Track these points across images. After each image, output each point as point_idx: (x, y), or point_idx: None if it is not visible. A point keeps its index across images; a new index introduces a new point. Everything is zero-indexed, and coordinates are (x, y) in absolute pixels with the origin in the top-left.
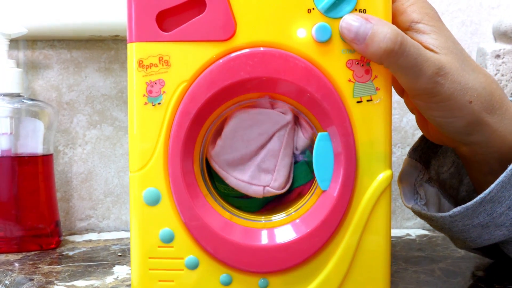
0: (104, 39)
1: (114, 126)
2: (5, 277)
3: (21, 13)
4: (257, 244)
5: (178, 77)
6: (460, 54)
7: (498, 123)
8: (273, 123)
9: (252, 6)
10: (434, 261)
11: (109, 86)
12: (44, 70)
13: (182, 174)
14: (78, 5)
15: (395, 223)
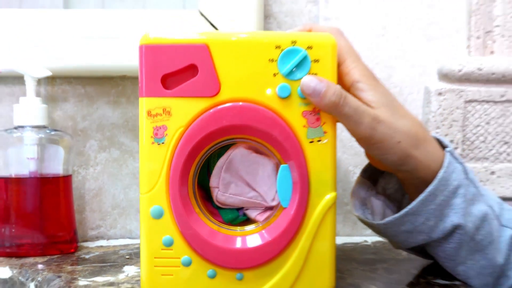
0: (113, 77)
1: (120, 150)
2: (37, 275)
3: (44, 57)
4: (233, 247)
5: (177, 124)
6: (391, 105)
7: (422, 155)
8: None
9: (232, 72)
10: (380, 262)
11: (116, 116)
12: (62, 103)
13: (180, 196)
14: (92, 50)
15: (356, 231)
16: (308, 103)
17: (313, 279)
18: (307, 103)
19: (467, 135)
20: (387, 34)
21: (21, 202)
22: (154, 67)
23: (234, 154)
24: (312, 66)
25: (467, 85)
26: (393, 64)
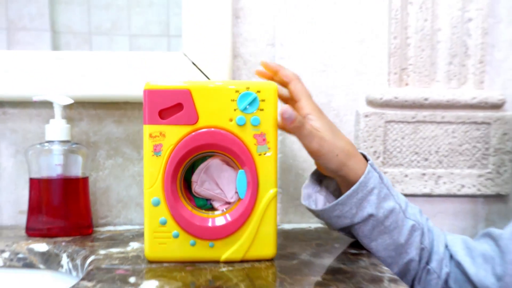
0: (118, 103)
1: (123, 158)
2: (67, 248)
3: (66, 88)
4: (207, 225)
5: (169, 142)
6: (332, 130)
7: (352, 165)
8: (233, 170)
9: (206, 108)
10: (315, 240)
11: (120, 132)
12: (78, 122)
13: (171, 191)
14: (102, 83)
15: (303, 220)
16: (257, 129)
17: (261, 247)
18: (257, 129)
19: (387, 147)
20: (327, 70)
21: (51, 197)
22: (153, 105)
23: (212, 162)
24: (260, 104)
25: (387, 109)
26: (332, 93)
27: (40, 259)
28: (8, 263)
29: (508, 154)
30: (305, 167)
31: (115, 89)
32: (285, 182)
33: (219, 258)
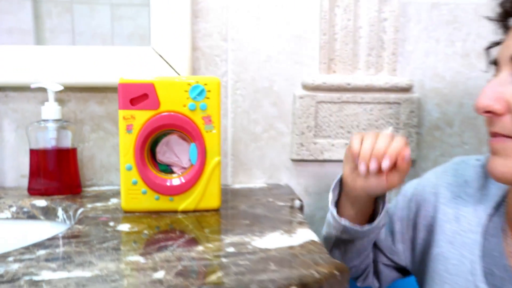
0: (99, 87)
1: (105, 132)
2: (62, 203)
3: (57, 76)
4: (167, 184)
5: (138, 123)
6: None
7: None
8: (187, 143)
9: (166, 96)
10: (255, 195)
11: (102, 111)
12: (67, 103)
13: (140, 159)
14: (86, 72)
15: (250, 180)
16: (204, 113)
17: (208, 201)
18: (204, 112)
19: (318, 123)
20: (270, 60)
21: (47, 164)
22: (125, 94)
23: (171, 137)
24: (207, 94)
25: (318, 92)
26: (274, 79)
27: (41, 212)
28: (15, 215)
29: (414, 127)
30: (252, 138)
31: (97, 77)
32: (236, 151)
33: (177, 208)
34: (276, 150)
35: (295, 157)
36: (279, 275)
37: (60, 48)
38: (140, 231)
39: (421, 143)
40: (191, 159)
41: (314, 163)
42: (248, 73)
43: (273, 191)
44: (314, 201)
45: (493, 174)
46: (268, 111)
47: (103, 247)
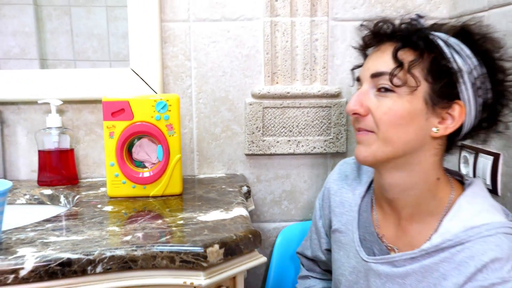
0: (90, 100)
1: (96, 135)
2: (63, 192)
3: (56, 94)
4: (140, 176)
5: (118, 131)
6: None
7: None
8: (155, 145)
9: (138, 110)
10: (213, 183)
11: (93, 118)
12: (66, 113)
13: (120, 157)
14: (79, 90)
15: (213, 171)
16: (168, 122)
17: (172, 188)
18: (167, 122)
19: (265, 124)
20: (225, 75)
21: (51, 161)
22: (107, 109)
23: (143, 140)
24: (169, 107)
25: (264, 100)
26: (229, 90)
27: (47, 199)
28: (28, 201)
29: (344, 126)
30: (213, 137)
31: (89, 93)
32: (200, 148)
33: (148, 194)
34: (233, 147)
35: (247, 152)
36: (208, 237)
37: (59, 71)
38: (120, 211)
39: (350, 139)
40: (158, 157)
41: (263, 157)
42: (208, 86)
43: (229, 180)
44: (264, 187)
45: (358, 159)
46: (225, 116)
47: (92, 221)
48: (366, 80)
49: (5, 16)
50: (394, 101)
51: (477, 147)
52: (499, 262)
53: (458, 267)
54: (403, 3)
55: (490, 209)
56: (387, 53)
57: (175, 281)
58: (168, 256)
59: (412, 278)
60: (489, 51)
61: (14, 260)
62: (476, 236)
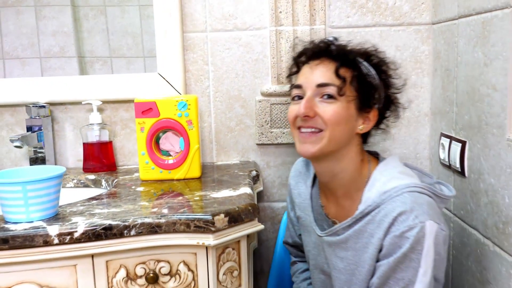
0: (126, 100)
1: (130, 130)
2: (104, 176)
3: (97, 95)
4: (166, 163)
5: (148, 125)
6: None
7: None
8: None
9: (164, 108)
10: (228, 169)
11: (127, 116)
12: (105, 111)
13: (150, 148)
14: (116, 91)
15: (229, 159)
16: (188, 118)
17: (192, 172)
18: (187, 118)
19: (272, 118)
20: (238, 76)
21: (94, 151)
22: (138, 108)
23: (168, 134)
24: (188, 106)
25: (271, 97)
26: (242, 89)
27: (91, 182)
28: (76, 185)
29: None
30: (228, 130)
31: (124, 94)
32: (218, 139)
33: (173, 178)
34: (245, 137)
35: (258, 142)
36: (216, 209)
37: (99, 76)
38: (149, 191)
39: None
40: (180, 147)
41: (272, 146)
42: (223, 86)
43: (242, 166)
44: (273, 172)
45: (305, 154)
46: (238, 111)
47: (127, 198)
48: (310, 89)
49: (45, 17)
50: (338, 106)
51: (450, 135)
52: (405, 214)
53: (379, 225)
54: (391, 11)
55: (398, 175)
56: (329, 68)
57: (191, 242)
58: (185, 222)
59: (351, 241)
60: (385, 72)
61: (70, 226)
62: (388, 198)
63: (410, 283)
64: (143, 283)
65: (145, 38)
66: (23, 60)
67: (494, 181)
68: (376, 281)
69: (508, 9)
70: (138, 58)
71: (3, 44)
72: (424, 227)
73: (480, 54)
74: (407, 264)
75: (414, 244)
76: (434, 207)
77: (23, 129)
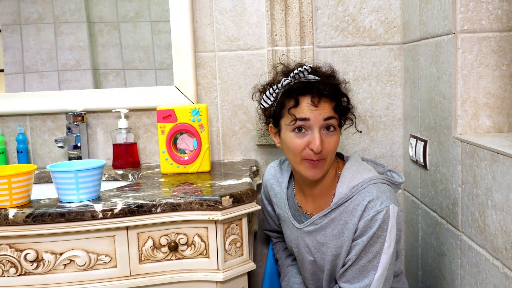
0: (148, 108)
1: (151, 133)
2: (131, 171)
3: (124, 104)
4: (183, 159)
5: (167, 129)
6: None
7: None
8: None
9: (181, 115)
10: (233, 166)
11: (149, 121)
12: (130, 118)
13: (169, 147)
14: (140, 101)
15: (234, 157)
16: (200, 122)
17: (204, 167)
18: (200, 123)
19: None
20: (241, 89)
21: (121, 151)
22: (160, 115)
23: (184, 135)
24: (200, 113)
25: None
26: (244, 99)
27: (120, 177)
28: (107, 179)
29: None
30: (233, 133)
31: (146, 103)
32: (224, 140)
33: (188, 171)
34: (247, 139)
35: (258, 143)
36: (223, 192)
37: (127, 89)
38: (169, 181)
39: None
40: (194, 146)
41: (269, 146)
42: (229, 96)
43: (244, 163)
44: None
45: (314, 177)
46: (242, 117)
47: (152, 186)
48: (318, 123)
49: (63, 33)
50: (336, 136)
51: (416, 136)
52: (373, 202)
53: (352, 213)
54: (368, 33)
55: (362, 171)
56: (329, 104)
57: (204, 217)
58: (199, 202)
59: (328, 228)
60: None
61: (111, 204)
62: (357, 191)
63: (378, 254)
64: (166, 250)
65: (156, 51)
66: (42, 73)
67: (446, 171)
68: (353, 257)
69: (451, 35)
70: (149, 70)
71: (24, 59)
72: (388, 210)
73: (434, 70)
74: (376, 240)
75: (381, 224)
76: (393, 193)
77: (62, 133)
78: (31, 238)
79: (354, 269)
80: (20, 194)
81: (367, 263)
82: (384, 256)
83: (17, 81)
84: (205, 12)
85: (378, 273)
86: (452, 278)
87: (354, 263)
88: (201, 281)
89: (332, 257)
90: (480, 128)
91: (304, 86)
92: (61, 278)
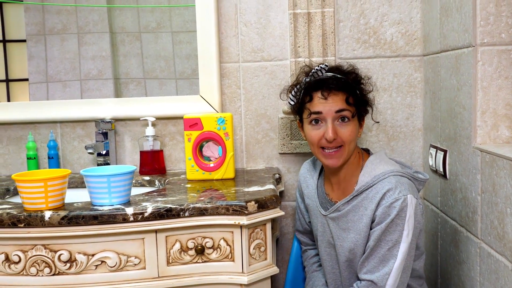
0: (173, 117)
1: (177, 141)
2: (157, 177)
3: (151, 112)
4: (208, 166)
5: (193, 137)
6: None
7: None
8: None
9: (207, 123)
10: (255, 173)
11: (175, 130)
12: (157, 126)
13: (195, 154)
14: (166, 110)
15: (256, 165)
16: (225, 131)
17: (228, 174)
18: (225, 131)
19: (292, 132)
20: (264, 98)
21: (148, 158)
22: (187, 123)
23: (209, 143)
24: (225, 122)
25: (291, 115)
26: (267, 108)
27: (146, 182)
28: (134, 185)
29: None
30: (256, 141)
31: (173, 111)
32: (248, 148)
33: (213, 178)
34: (270, 148)
35: (280, 151)
36: (248, 198)
37: (153, 98)
38: (195, 187)
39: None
40: (219, 154)
41: (292, 155)
42: (252, 106)
43: (267, 170)
44: (293, 176)
45: (334, 165)
46: (264, 126)
47: (179, 191)
48: (330, 115)
49: (86, 43)
50: (351, 126)
51: (436, 146)
52: (392, 190)
53: (371, 200)
54: (389, 45)
55: (385, 163)
56: (340, 97)
57: (230, 222)
58: (225, 207)
59: (350, 214)
60: (364, 86)
61: (141, 208)
62: (377, 180)
63: (397, 243)
64: (193, 253)
65: (177, 61)
66: (65, 82)
67: (465, 180)
68: (372, 244)
69: (471, 47)
70: (170, 80)
71: (47, 68)
72: (406, 199)
73: (454, 81)
74: (394, 228)
75: (399, 212)
76: (413, 187)
77: (91, 140)
78: (65, 240)
79: (374, 258)
80: (55, 197)
81: (386, 252)
82: (403, 245)
83: (41, 90)
84: (230, 24)
85: (398, 262)
86: (471, 285)
87: (374, 252)
88: (226, 283)
89: (350, 244)
90: (499, 138)
91: (316, 83)
92: (93, 278)
